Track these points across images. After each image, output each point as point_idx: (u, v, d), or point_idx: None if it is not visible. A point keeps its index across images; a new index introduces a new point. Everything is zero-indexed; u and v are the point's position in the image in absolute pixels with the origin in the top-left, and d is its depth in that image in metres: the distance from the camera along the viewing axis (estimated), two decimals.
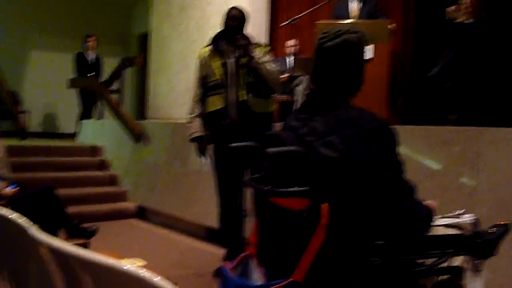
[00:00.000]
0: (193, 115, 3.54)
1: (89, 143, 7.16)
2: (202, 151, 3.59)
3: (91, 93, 7.72)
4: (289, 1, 6.58)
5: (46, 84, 9.46)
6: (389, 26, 4.77)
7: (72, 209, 4.25)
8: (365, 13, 5.23)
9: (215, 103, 3.40)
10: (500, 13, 4.83)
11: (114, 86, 7.75)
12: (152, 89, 8.35)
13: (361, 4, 5.29)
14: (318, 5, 5.39)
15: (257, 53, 3.36)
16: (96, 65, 8.19)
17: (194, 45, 7.37)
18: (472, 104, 4.28)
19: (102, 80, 7.80)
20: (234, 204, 3.49)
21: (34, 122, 9.23)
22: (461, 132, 3.20)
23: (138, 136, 6.16)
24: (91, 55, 8.18)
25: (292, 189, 1.56)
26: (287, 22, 5.31)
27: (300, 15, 5.01)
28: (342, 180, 1.56)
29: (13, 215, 1.36)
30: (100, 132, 7.31)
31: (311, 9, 5.35)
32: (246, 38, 3.38)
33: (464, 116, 4.21)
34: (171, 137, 5.74)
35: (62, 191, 4.27)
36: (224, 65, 3.38)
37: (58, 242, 1.07)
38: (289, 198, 1.59)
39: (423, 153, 3.30)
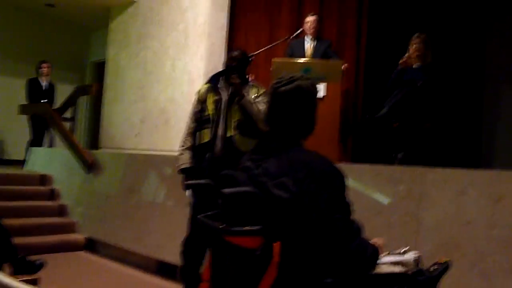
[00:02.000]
0: (183, 147, 3.63)
1: (38, 171, 6.97)
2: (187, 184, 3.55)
3: (43, 120, 7.53)
4: (247, 39, 6.72)
5: None
6: (342, 67, 4.99)
7: (18, 240, 4.10)
8: (319, 53, 5.44)
9: (205, 136, 3.53)
10: (444, 58, 5.14)
11: (68, 114, 7.61)
12: (106, 118, 8.26)
13: (316, 44, 5.51)
14: (275, 43, 5.55)
15: (252, 93, 3.52)
16: (50, 92, 8.04)
17: (150, 76, 7.40)
18: (418, 144, 4.49)
19: (55, 107, 7.65)
20: (201, 241, 3.42)
21: None
22: (407, 171, 3.35)
23: (89, 166, 6.06)
24: (45, 82, 8.04)
25: (245, 228, 1.61)
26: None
27: (257, 52, 5.14)
28: (293, 220, 1.62)
29: None
30: (50, 161, 7.13)
31: (267, 47, 5.50)
32: (240, 77, 3.51)
33: (411, 155, 4.41)
34: (124, 168, 5.67)
35: (8, 221, 4.13)
36: (217, 101, 3.54)
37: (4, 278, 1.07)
38: (243, 237, 1.64)
39: (371, 191, 3.42)
